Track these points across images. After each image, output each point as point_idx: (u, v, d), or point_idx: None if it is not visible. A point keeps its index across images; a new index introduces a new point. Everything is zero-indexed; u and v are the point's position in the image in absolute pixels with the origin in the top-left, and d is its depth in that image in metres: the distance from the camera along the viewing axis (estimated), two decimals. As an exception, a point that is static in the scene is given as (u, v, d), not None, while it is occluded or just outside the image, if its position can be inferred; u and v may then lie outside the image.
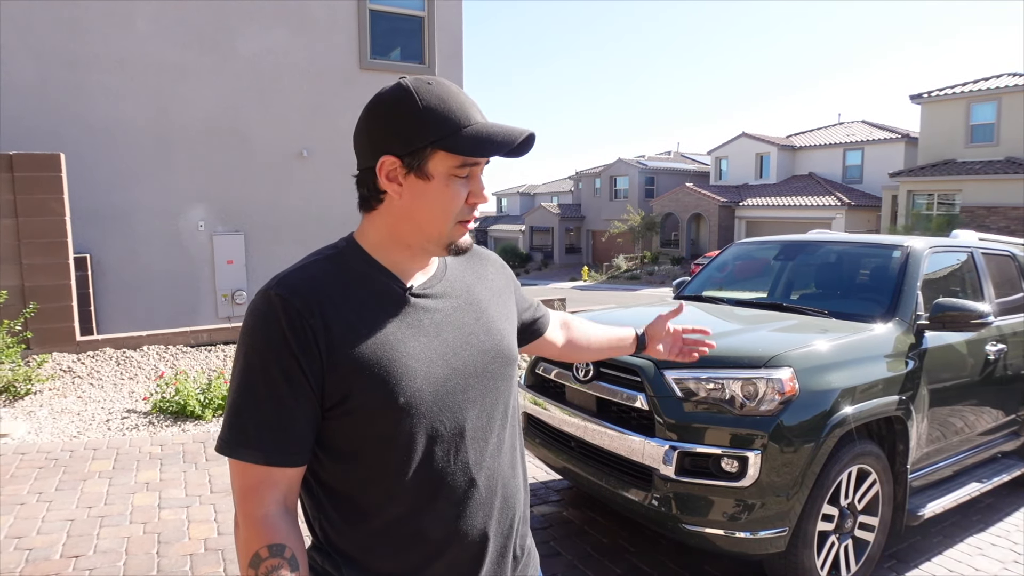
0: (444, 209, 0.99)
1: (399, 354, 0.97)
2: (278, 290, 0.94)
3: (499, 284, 1.21)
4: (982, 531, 3.55)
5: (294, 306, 0.92)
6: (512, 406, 1.13)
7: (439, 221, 1.00)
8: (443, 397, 0.99)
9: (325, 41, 8.97)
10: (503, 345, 1.11)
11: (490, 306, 1.14)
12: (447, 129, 0.95)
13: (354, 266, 1.02)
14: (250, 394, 0.93)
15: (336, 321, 0.94)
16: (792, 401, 2.53)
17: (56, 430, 4.73)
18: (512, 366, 1.13)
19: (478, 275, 1.17)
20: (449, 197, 0.98)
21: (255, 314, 0.94)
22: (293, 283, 0.95)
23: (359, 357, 0.94)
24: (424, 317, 1.02)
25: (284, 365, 0.91)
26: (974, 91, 19.79)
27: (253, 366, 0.93)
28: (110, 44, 7.83)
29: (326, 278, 0.98)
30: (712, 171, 33.52)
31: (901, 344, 3.04)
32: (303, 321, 0.92)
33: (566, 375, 3.17)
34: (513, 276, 1.30)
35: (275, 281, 0.96)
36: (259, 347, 0.93)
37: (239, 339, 0.96)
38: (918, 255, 3.45)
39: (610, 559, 3.11)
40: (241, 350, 0.95)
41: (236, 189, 8.64)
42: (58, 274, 6.17)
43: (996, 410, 3.64)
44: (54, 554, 3.01)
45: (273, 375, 0.92)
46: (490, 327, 1.10)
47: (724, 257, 4.52)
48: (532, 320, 1.38)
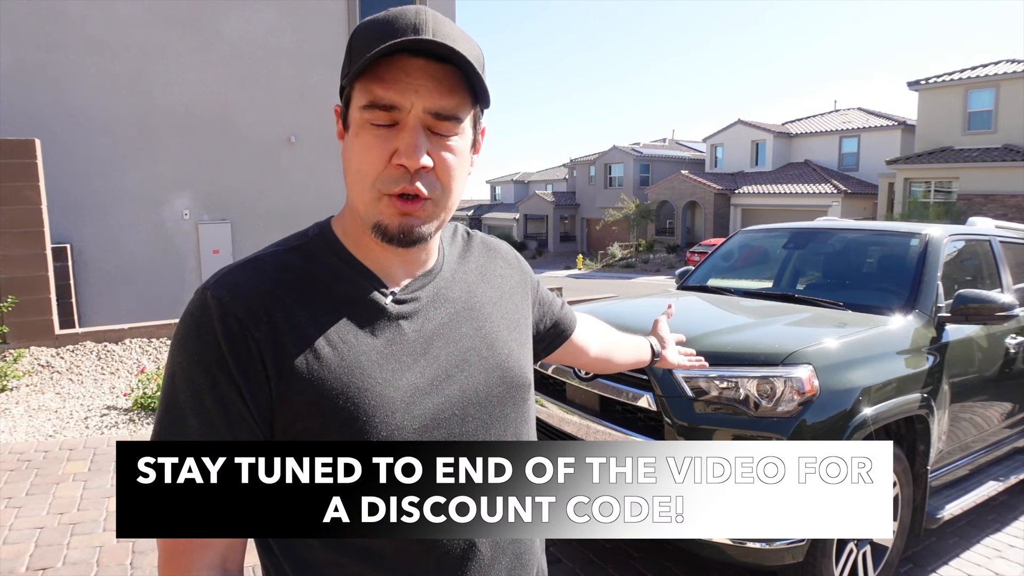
0: (356, 169, 0.74)
1: (373, 381, 0.74)
2: (216, 291, 0.72)
3: (510, 282, 0.96)
4: (998, 531, 3.42)
5: (234, 313, 0.71)
6: (528, 439, 0.91)
7: (354, 188, 0.75)
8: (431, 433, 0.78)
9: (314, 23, 8.71)
10: (511, 362, 0.87)
11: (495, 312, 0.89)
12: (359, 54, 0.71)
13: (323, 261, 0.78)
14: (177, 427, 0.71)
15: (290, 335, 0.72)
16: (812, 401, 2.36)
17: (32, 429, 4.52)
18: (524, 389, 0.89)
19: (483, 272, 0.92)
20: (360, 151, 0.73)
21: (186, 321, 0.73)
22: (237, 282, 0.73)
23: (318, 385, 0.72)
24: (409, 329, 0.79)
25: (220, 392, 0.70)
26: (972, 78, 19.63)
27: (180, 391, 0.71)
28: (90, 26, 7.55)
29: (284, 276, 0.75)
30: (708, 158, 33.31)
31: (922, 338, 2.87)
32: (246, 333, 0.70)
33: (566, 372, 2.99)
34: (530, 271, 1.03)
35: (215, 278, 0.74)
36: (188, 366, 0.71)
37: (169, 351, 0.74)
38: (937, 243, 3.28)
39: (613, 565, 2.95)
40: (168, 368, 0.74)
41: (222, 176, 8.40)
42: (35, 265, 5.94)
43: (1015, 405, 3.50)
44: (20, 566, 2.81)
45: (205, 404, 0.70)
46: (494, 340, 0.86)
47: (730, 245, 4.34)
48: (554, 323, 1.12)
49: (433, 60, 0.72)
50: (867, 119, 28.05)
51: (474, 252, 0.93)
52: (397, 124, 0.72)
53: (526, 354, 0.93)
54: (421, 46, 0.70)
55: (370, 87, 0.71)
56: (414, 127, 0.72)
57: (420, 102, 0.71)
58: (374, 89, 0.71)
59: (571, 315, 1.17)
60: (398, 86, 0.71)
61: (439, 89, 0.72)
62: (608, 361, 1.28)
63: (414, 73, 0.71)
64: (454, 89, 0.73)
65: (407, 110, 0.71)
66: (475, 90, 0.75)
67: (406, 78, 0.71)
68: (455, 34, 0.73)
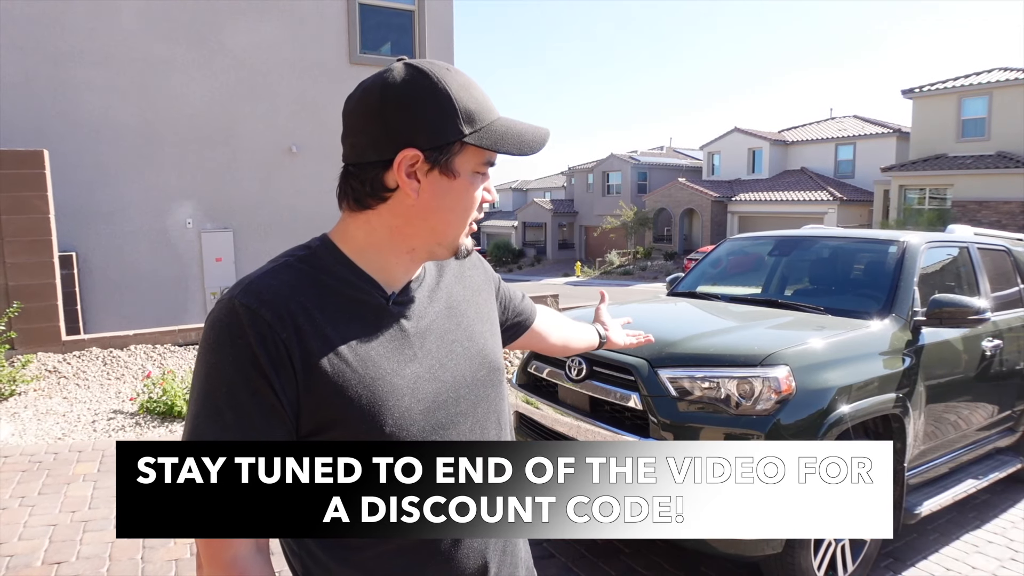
0: (466, 209, 0.91)
1: (383, 371, 0.87)
2: (244, 299, 0.82)
3: (478, 281, 1.11)
4: (978, 528, 3.53)
5: (264, 317, 0.81)
6: (505, 414, 1.05)
7: (459, 222, 0.91)
8: (434, 414, 0.90)
9: (314, 35, 8.88)
10: (487, 349, 1.02)
11: (469, 308, 1.04)
12: (479, 122, 0.87)
13: (330, 270, 0.90)
14: (213, 420, 0.81)
15: (312, 335, 0.84)
16: (789, 400, 2.49)
17: (40, 432, 4.64)
18: (499, 372, 1.04)
19: (458, 276, 1.07)
20: (472, 197, 0.91)
21: (217, 327, 0.83)
22: (260, 290, 0.84)
23: (338, 377, 0.83)
24: (408, 326, 0.93)
25: (254, 387, 0.80)
26: (965, 86, 19.84)
27: (215, 388, 0.81)
28: (96, 39, 7.72)
29: (300, 283, 0.87)
30: (704, 166, 33.52)
31: (898, 341, 3.00)
32: (275, 334, 0.81)
33: (559, 374, 3.12)
34: (491, 271, 1.20)
35: (239, 288, 0.85)
36: (223, 365, 0.81)
37: (198, 356, 0.85)
38: (914, 250, 3.42)
39: (604, 560, 3.07)
40: (202, 370, 0.82)
41: (224, 186, 8.54)
42: (42, 273, 6.07)
43: (992, 406, 3.61)
44: (35, 560, 2.93)
45: (241, 399, 0.80)
46: (472, 332, 1.01)
47: (718, 253, 4.48)
48: (517, 314, 1.29)
49: None
50: (862, 127, 28.27)
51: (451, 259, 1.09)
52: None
53: (497, 342, 1.09)
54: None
55: (487, 155, 0.91)
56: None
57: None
58: (491, 157, 0.92)
59: (531, 306, 1.35)
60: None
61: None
62: (566, 347, 1.48)
63: None
64: None
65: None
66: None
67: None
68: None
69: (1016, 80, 18.85)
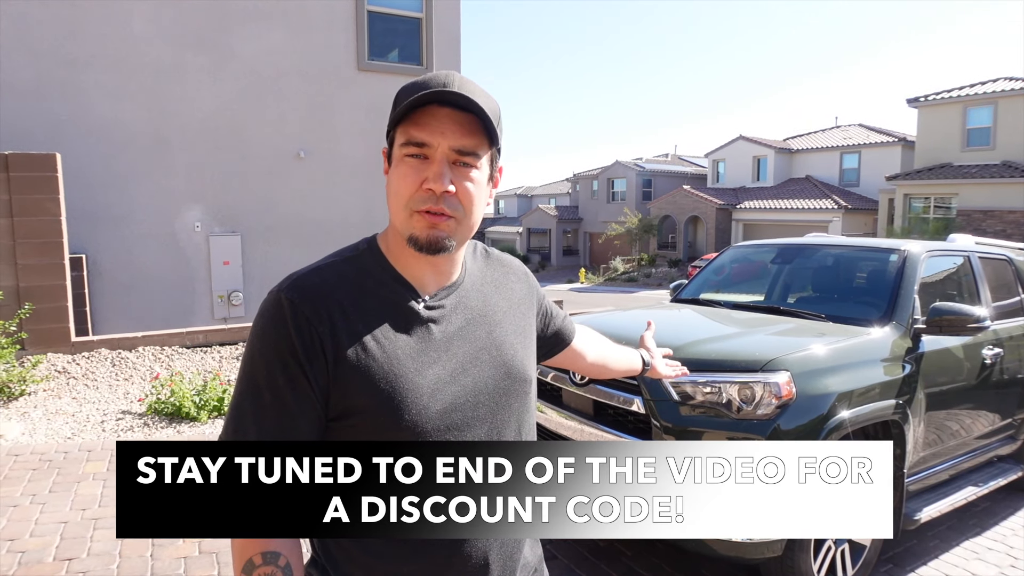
0: (396, 192, 0.93)
1: (406, 370, 0.93)
2: (289, 293, 0.92)
3: (519, 294, 1.15)
4: (978, 535, 3.55)
5: (303, 312, 0.90)
6: (528, 425, 1.08)
7: (396, 207, 0.94)
8: (450, 415, 0.95)
9: (323, 42, 8.96)
10: (515, 361, 1.05)
11: (505, 319, 1.08)
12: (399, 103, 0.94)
13: (371, 272, 0.98)
14: (254, 398, 0.90)
15: (345, 331, 0.91)
16: (789, 405, 2.53)
17: (50, 431, 4.70)
18: (526, 384, 1.07)
19: (497, 284, 1.11)
20: (398, 178, 0.93)
21: (264, 316, 0.92)
22: (305, 286, 0.93)
23: (364, 371, 0.91)
24: (436, 330, 0.98)
25: (290, 372, 0.89)
26: (971, 95, 19.83)
27: (258, 370, 0.90)
28: (107, 44, 7.81)
29: (341, 283, 0.95)
30: (709, 173, 33.55)
31: (898, 348, 3.04)
32: (312, 328, 0.89)
33: (563, 378, 3.16)
34: (537, 285, 1.23)
35: (288, 283, 0.94)
36: (266, 351, 0.90)
37: (248, 339, 0.94)
38: (915, 259, 3.45)
39: (606, 562, 3.10)
40: (248, 352, 0.93)
41: (233, 190, 8.62)
42: (53, 274, 6.14)
43: (993, 414, 3.64)
44: (47, 556, 2.99)
45: (278, 381, 0.89)
46: (502, 342, 1.04)
47: (721, 260, 4.52)
48: (555, 331, 1.31)
49: (457, 110, 0.93)
50: (867, 135, 28.28)
51: (491, 267, 1.13)
52: (428, 159, 0.93)
53: (529, 355, 1.11)
54: (447, 98, 0.91)
55: (408, 129, 0.93)
56: (440, 160, 0.92)
57: (445, 141, 0.92)
58: (411, 131, 0.93)
59: (571, 326, 1.38)
60: (428, 128, 0.92)
61: (460, 131, 0.93)
62: (604, 367, 1.49)
63: (441, 119, 0.93)
64: (473, 132, 0.94)
65: (435, 147, 0.92)
66: (490, 134, 0.95)
67: (435, 122, 0.92)
68: (476, 91, 0.94)
69: (1022, 89, 18.85)
